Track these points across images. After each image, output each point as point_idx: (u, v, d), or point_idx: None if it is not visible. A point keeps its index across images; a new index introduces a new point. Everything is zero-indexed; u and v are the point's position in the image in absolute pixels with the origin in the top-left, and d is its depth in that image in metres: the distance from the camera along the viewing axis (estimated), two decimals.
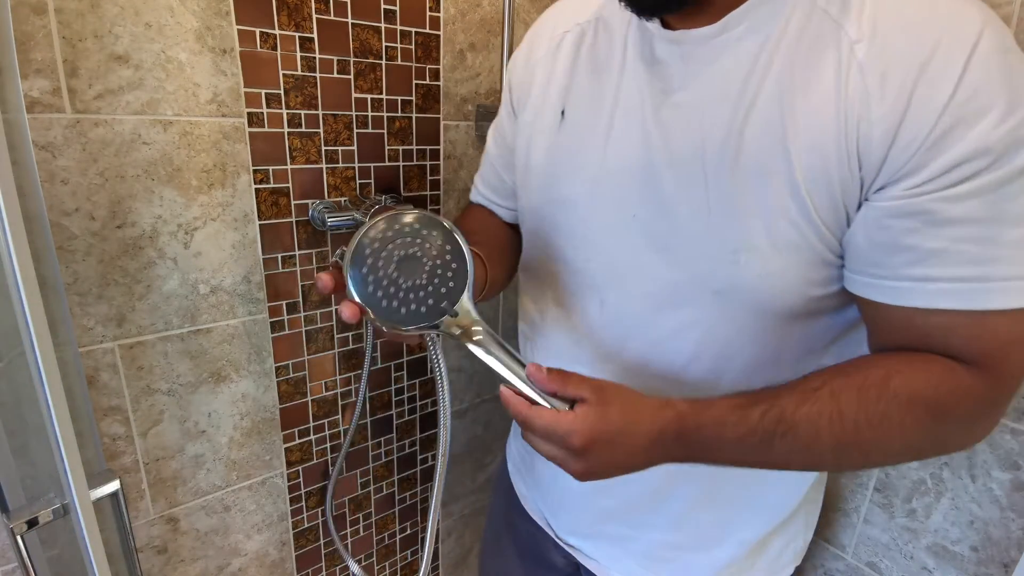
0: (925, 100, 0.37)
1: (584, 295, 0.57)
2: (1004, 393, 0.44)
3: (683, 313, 0.51)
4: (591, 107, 0.54)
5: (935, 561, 0.78)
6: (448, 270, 0.45)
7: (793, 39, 0.42)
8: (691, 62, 0.47)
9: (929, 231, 0.39)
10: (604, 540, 0.66)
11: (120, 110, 0.64)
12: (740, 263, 0.46)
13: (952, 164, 0.37)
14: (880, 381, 0.43)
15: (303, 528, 0.95)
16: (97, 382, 0.70)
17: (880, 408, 0.42)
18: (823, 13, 0.42)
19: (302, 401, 0.88)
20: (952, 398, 0.42)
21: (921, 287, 0.41)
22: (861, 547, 0.86)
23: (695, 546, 0.62)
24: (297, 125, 0.76)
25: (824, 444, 0.44)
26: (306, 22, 0.73)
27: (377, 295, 0.43)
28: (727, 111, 0.45)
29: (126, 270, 0.69)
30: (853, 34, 0.40)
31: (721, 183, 0.45)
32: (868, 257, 0.43)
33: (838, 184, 0.41)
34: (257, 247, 0.78)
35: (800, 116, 0.41)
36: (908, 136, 0.38)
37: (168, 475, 0.79)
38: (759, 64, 0.44)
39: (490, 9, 0.90)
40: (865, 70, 0.39)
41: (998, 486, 0.71)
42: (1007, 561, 0.71)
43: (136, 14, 0.62)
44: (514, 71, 0.64)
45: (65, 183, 0.63)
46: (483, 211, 0.73)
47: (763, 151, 0.43)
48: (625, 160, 0.51)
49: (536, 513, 0.73)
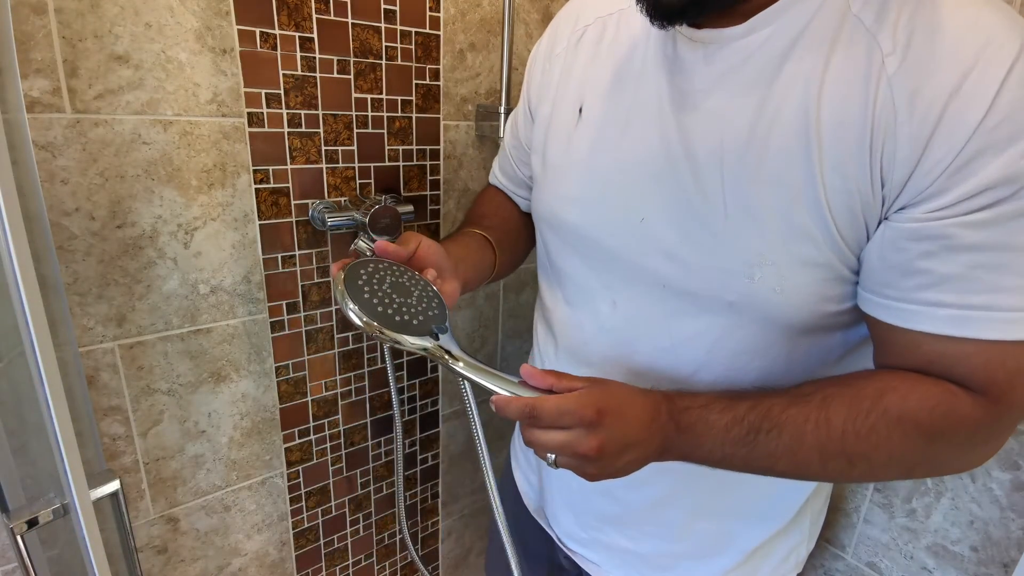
0: (954, 123, 0.36)
1: (596, 295, 0.56)
2: (1007, 422, 0.43)
3: (696, 321, 0.50)
4: (609, 105, 0.53)
5: (935, 561, 0.78)
6: (433, 299, 0.50)
7: (823, 45, 0.40)
8: (715, 63, 0.45)
9: (945, 256, 0.38)
10: (603, 546, 0.65)
11: (120, 110, 0.64)
12: (755, 278, 0.44)
13: (976, 190, 0.36)
14: (874, 395, 0.43)
15: (303, 528, 0.95)
16: (97, 382, 0.70)
17: (869, 421, 0.42)
18: (856, 21, 0.40)
19: (302, 401, 0.88)
20: (947, 422, 0.42)
21: (932, 312, 0.40)
22: (861, 547, 0.86)
23: (694, 554, 0.62)
24: (297, 125, 0.76)
25: (809, 448, 0.43)
26: (306, 22, 0.73)
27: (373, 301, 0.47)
28: (749, 117, 0.43)
29: (126, 270, 0.69)
30: (886, 46, 0.38)
31: (739, 192, 0.44)
32: (880, 277, 0.42)
33: (859, 200, 0.40)
34: (257, 247, 0.78)
35: (826, 128, 0.40)
36: (934, 159, 0.37)
37: (168, 475, 0.79)
38: (785, 70, 0.42)
39: (490, 9, 0.90)
40: (895, 86, 0.37)
41: (998, 486, 0.71)
42: (1007, 561, 0.71)
43: (136, 14, 0.62)
44: (534, 65, 0.63)
45: (65, 183, 0.63)
46: (500, 194, 0.73)
47: (786, 162, 0.42)
48: (639, 161, 0.50)
49: (539, 515, 0.73)
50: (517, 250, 0.71)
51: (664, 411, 0.45)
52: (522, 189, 0.70)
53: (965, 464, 0.46)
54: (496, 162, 0.75)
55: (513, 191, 0.72)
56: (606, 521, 0.64)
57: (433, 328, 0.47)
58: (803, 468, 0.45)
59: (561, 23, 0.60)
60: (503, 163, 0.72)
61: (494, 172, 0.75)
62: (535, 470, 0.73)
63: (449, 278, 0.55)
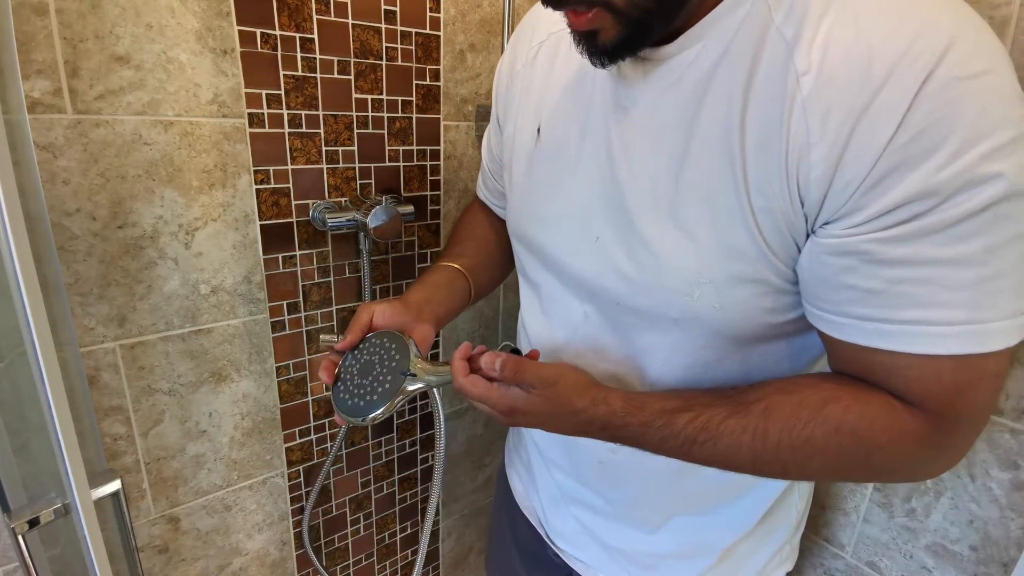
0: (863, 144, 0.35)
1: (569, 306, 0.57)
2: (952, 437, 0.41)
3: (648, 335, 0.51)
4: (564, 124, 0.53)
5: (935, 560, 0.78)
6: (394, 354, 0.55)
7: (745, 62, 0.40)
8: (652, 81, 0.45)
9: (866, 270, 0.38)
10: (589, 544, 0.66)
11: (121, 111, 0.64)
12: (695, 295, 0.45)
13: (891, 206, 0.35)
14: (817, 404, 0.43)
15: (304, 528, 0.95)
16: (98, 382, 0.70)
17: (806, 433, 0.42)
18: (778, 34, 0.39)
19: (303, 401, 0.88)
20: (886, 435, 0.41)
21: (860, 325, 0.40)
22: (861, 546, 0.86)
23: (678, 553, 0.62)
24: (297, 125, 0.76)
25: (742, 457, 0.45)
26: (306, 23, 0.73)
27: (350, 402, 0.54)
28: (682, 136, 0.43)
29: (127, 270, 0.69)
30: (801, 66, 0.37)
31: (674, 212, 0.44)
32: (813, 290, 0.42)
33: (783, 219, 0.40)
34: (258, 247, 0.78)
35: (749, 149, 0.40)
36: (844, 179, 0.36)
37: (169, 475, 0.79)
38: (711, 91, 0.42)
39: (490, 9, 0.90)
40: (807, 107, 0.37)
41: (997, 485, 0.71)
42: (1006, 560, 0.71)
43: (137, 15, 0.62)
44: (499, 82, 0.64)
45: (66, 183, 0.63)
46: (480, 214, 0.75)
47: (716, 182, 0.42)
48: (592, 181, 0.51)
49: (530, 512, 0.74)
50: (496, 269, 0.73)
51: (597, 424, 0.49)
52: (502, 200, 0.71)
53: (914, 475, 0.46)
54: (480, 176, 0.75)
55: (495, 203, 0.73)
56: (590, 519, 0.65)
57: (401, 375, 0.53)
58: (734, 469, 0.47)
59: (520, 39, 0.61)
60: (484, 176, 0.73)
61: (479, 185, 0.76)
62: (527, 467, 0.73)
63: (416, 325, 0.59)
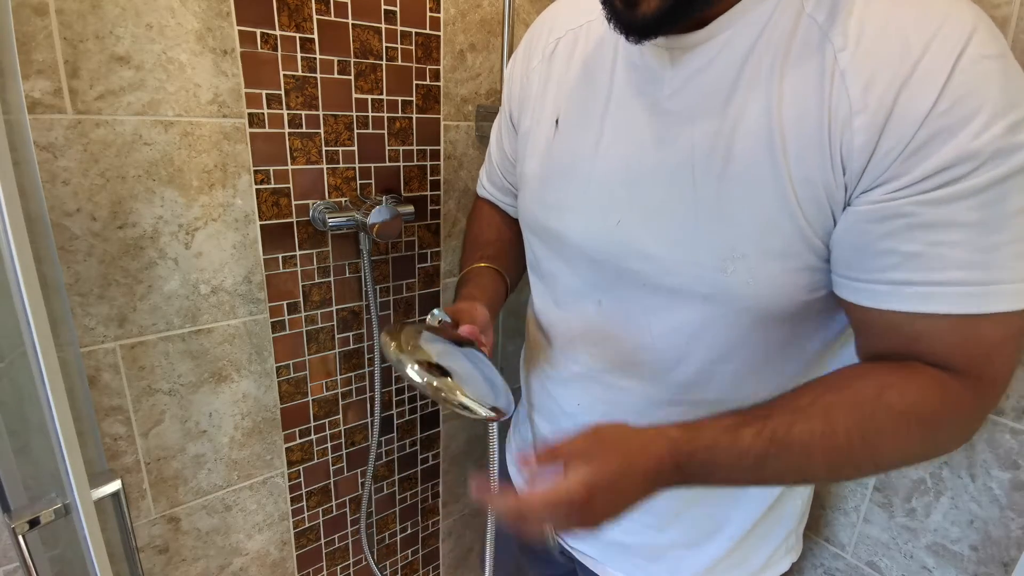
0: (906, 111, 0.37)
1: (583, 296, 0.58)
2: (992, 397, 0.43)
3: (673, 315, 0.51)
4: (583, 114, 0.54)
5: (935, 560, 0.78)
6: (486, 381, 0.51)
7: (780, 46, 0.42)
8: (680, 68, 0.47)
9: (906, 234, 0.39)
10: (595, 538, 0.66)
11: (121, 111, 0.64)
12: (728, 271, 0.46)
13: (933, 170, 0.37)
14: (873, 396, 0.43)
15: (304, 528, 0.95)
16: (98, 382, 0.70)
17: (874, 424, 0.42)
18: (810, 20, 0.41)
19: (303, 401, 0.88)
20: (944, 409, 0.42)
21: (899, 290, 0.41)
22: (861, 546, 0.86)
23: (686, 543, 0.62)
24: (298, 125, 0.76)
25: (817, 462, 0.44)
26: (306, 23, 0.73)
27: None
28: (715, 120, 0.45)
29: (127, 270, 0.69)
30: (838, 43, 0.40)
31: (709, 192, 0.46)
32: (849, 260, 0.43)
33: (823, 190, 0.42)
34: (258, 247, 0.78)
35: (788, 125, 0.42)
36: (887, 146, 0.38)
37: (169, 475, 0.79)
38: (745, 72, 0.44)
39: (490, 9, 0.90)
40: (848, 79, 0.39)
41: (998, 485, 0.71)
42: (1007, 560, 0.71)
43: (137, 15, 0.62)
44: (512, 78, 0.65)
45: (66, 184, 0.63)
46: (492, 212, 0.75)
47: (752, 161, 0.43)
48: (613, 168, 0.52)
49: None
50: (519, 265, 0.73)
51: (668, 465, 0.44)
52: (509, 197, 0.73)
53: (958, 443, 0.47)
54: (483, 172, 0.76)
55: (501, 200, 0.74)
56: None
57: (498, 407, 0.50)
58: (809, 478, 0.47)
59: (535, 37, 0.62)
60: (490, 173, 0.74)
61: (481, 183, 0.76)
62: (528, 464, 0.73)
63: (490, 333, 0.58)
